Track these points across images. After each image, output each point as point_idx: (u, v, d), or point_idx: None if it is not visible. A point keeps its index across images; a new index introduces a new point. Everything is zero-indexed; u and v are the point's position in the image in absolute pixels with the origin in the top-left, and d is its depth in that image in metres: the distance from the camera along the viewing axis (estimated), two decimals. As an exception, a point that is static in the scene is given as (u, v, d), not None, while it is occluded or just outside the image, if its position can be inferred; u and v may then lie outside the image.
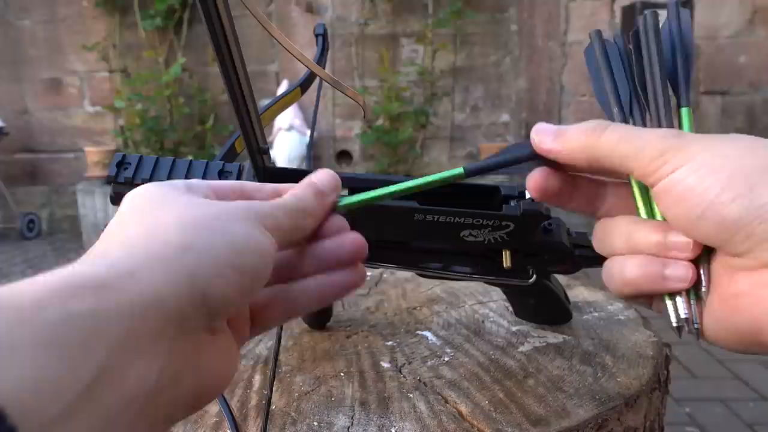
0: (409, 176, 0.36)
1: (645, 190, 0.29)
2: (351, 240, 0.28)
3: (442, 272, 0.49)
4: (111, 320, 0.18)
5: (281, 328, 0.46)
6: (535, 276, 0.48)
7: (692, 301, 0.27)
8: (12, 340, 0.16)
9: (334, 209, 0.29)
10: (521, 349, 0.51)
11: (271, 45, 3.19)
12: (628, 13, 2.65)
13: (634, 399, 0.43)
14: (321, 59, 0.53)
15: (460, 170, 0.31)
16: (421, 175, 0.32)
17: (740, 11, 2.96)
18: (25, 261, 3.02)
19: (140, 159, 0.41)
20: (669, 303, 0.28)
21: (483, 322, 0.57)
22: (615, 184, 0.31)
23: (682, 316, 0.27)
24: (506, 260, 0.45)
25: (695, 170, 0.25)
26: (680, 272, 0.27)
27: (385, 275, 0.74)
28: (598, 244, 0.30)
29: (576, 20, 3.10)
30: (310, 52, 0.50)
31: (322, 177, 0.29)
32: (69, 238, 3.47)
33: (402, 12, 3.17)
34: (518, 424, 0.39)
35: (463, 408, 0.41)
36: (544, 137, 0.29)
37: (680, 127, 0.30)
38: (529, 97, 3.22)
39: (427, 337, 0.54)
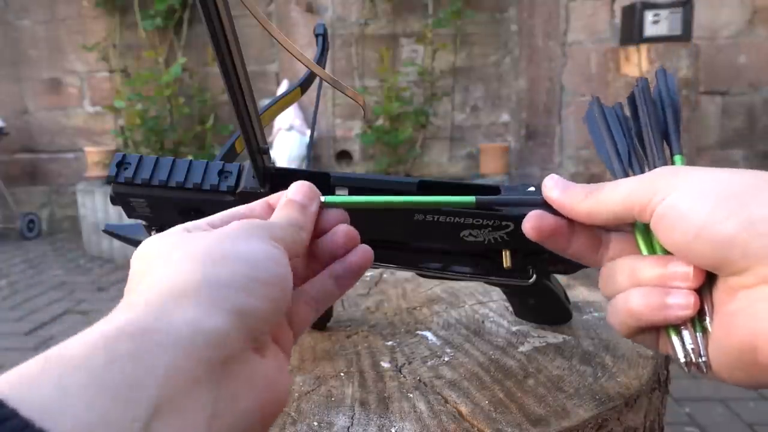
0: (408, 176, 0.36)
1: (646, 230, 0.29)
2: (343, 233, 0.31)
3: (442, 272, 0.49)
4: (154, 359, 0.19)
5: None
6: (535, 276, 0.48)
7: (698, 334, 0.27)
8: (64, 387, 0.17)
9: (323, 207, 0.32)
10: (521, 349, 0.51)
11: (271, 45, 3.19)
12: (628, 13, 2.64)
13: (634, 399, 0.43)
14: (321, 59, 0.53)
15: (471, 199, 0.33)
16: (421, 175, 0.33)
17: (740, 11, 2.96)
18: (25, 261, 3.02)
19: (140, 159, 0.41)
20: (675, 338, 0.27)
21: (483, 322, 0.57)
22: (617, 235, 0.31)
23: (689, 347, 0.27)
24: (506, 260, 0.45)
25: (686, 194, 0.26)
26: (682, 300, 0.27)
27: (385, 275, 0.74)
28: (604, 286, 0.31)
29: (576, 20, 3.10)
30: (310, 52, 0.50)
31: (299, 190, 0.31)
32: (69, 238, 3.47)
33: (402, 12, 3.17)
34: (518, 424, 0.39)
35: (463, 408, 0.41)
36: (554, 187, 0.31)
37: None
38: (529, 97, 3.21)
39: (427, 337, 0.54)
